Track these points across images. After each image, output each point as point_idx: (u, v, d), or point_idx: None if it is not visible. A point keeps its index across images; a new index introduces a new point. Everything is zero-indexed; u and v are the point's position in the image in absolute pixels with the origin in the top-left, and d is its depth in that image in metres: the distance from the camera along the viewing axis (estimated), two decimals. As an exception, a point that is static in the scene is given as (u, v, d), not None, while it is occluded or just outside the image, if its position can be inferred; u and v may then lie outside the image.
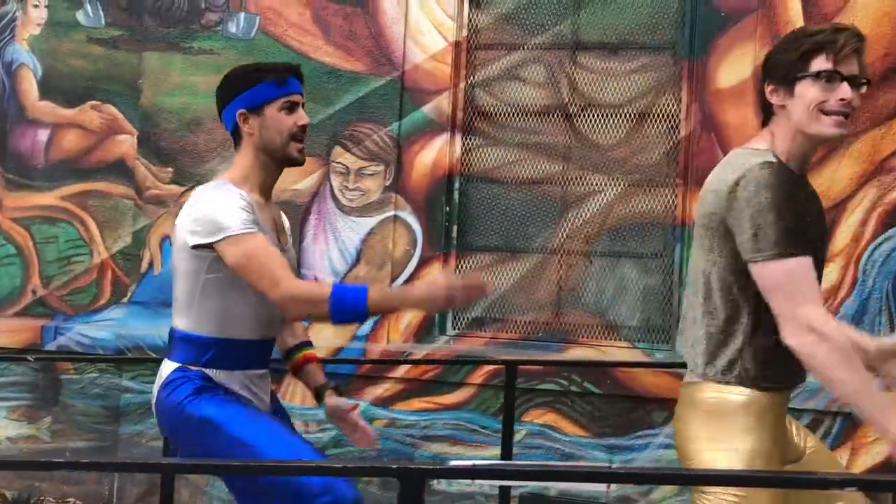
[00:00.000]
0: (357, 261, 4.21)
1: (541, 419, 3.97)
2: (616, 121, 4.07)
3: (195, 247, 2.26)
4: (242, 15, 4.41)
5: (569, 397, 3.94)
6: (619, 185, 4.07)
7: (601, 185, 4.08)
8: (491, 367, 3.96)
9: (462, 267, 4.23)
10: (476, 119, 4.23)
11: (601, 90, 4.11)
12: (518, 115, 4.20)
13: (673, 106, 4.00)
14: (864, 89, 2.04)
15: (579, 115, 4.13)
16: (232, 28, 4.42)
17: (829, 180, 3.73)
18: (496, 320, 4.17)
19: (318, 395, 2.53)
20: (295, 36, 4.33)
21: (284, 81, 2.36)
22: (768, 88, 2.05)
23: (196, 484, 4.29)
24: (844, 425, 3.66)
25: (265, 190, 2.40)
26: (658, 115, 4.03)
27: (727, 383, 2.00)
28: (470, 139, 4.23)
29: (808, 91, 1.98)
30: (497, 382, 4.00)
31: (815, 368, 1.89)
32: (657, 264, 4.03)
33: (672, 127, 4.00)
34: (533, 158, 4.18)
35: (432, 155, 4.17)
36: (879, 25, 3.71)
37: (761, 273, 1.92)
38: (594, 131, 4.11)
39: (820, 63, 1.97)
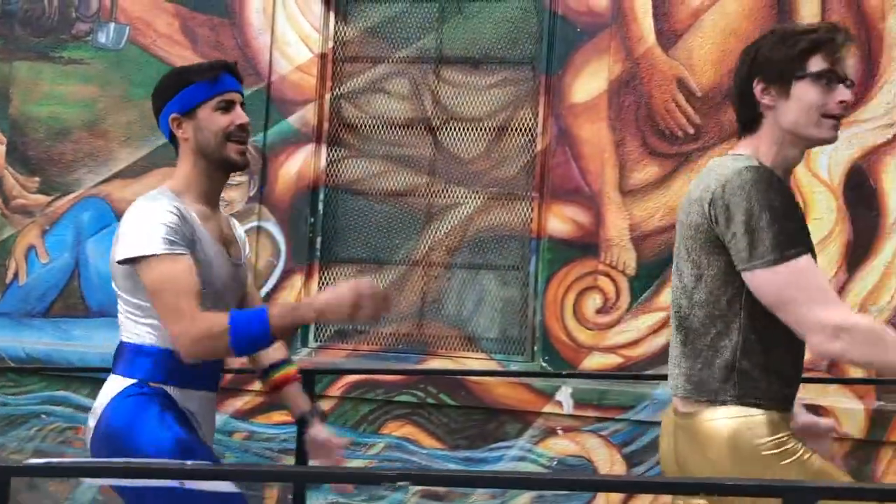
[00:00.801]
0: (221, 272, 4.17)
1: (398, 431, 3.95)
2: (477, 134, 4.10)
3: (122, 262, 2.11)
4: (112, 25, 4.39)
5: (426, 409, 3.93)
6: (480, 197, 4.09)
7: (462, 197, 4.11)
8: (349, 379, 3.95)
9: (325, 279, 4.22)
10: (341, 131, 4.24)
11: (463, 104, 4.14)
12: (383, 127, 4.22)
13: (530, 120, 4.04)
14: (854, 89, 1.97)
15: (442, 128, 4.15)
16: (102, 38, 4.40)
17: (678, 194, 3.77)
18: (359, 332, 4.16)
19: (302, 422, 2.40)
20: (163, 46, 4.32)
21: (216, 80, 2.21)
22: (758, 87, 1.90)
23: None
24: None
25: (209, 199, 2.24)
26: (516, 129, 4.06)
27: (723, 404, 1.85)
28: (335, 151, 4.23)
29: (807, 92, 1.87)
30: (355, 395, 3.99)
31: (860, 364, 1.89)
32: (514, 276, 4.05)
33: (529, 141, 4.04)
34: (397, 171, 4.19)
35: (297, 166, 4.17)
36: (727, 43, 3.78)
37: (764, 281, 1.77)
38: (456, 144, 4.14)
39: (818, 63, 1.87)
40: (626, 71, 3.87)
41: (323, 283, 4.20)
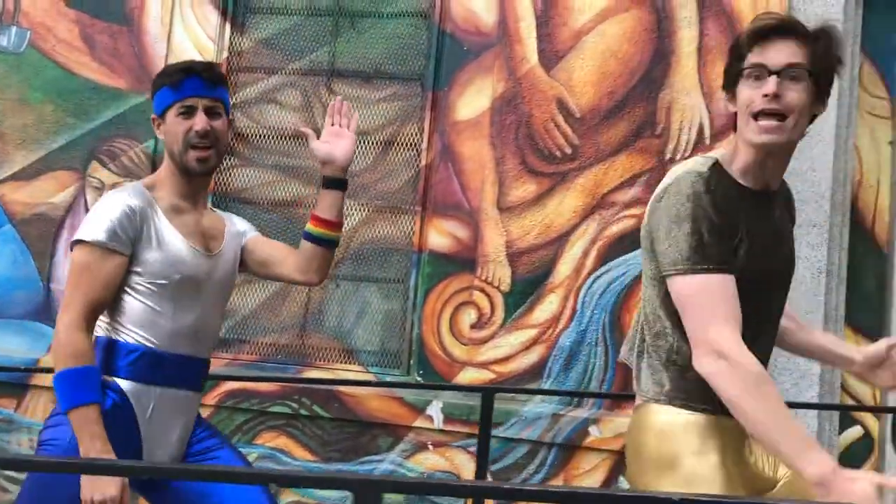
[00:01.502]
0: (107, 277, 4.17)
1: (272, 442, 3.93)
2: (364, 147, 4.12)
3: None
4: (14, 29, 4.42)
5: (300, 420, 3.92)
6: (365, 210, 4.11)
7: (348, 209, 4.10)
8: (225, 388, 3.94)
9: (210, 286, 4.22)
10: (233, 140, 4.26)
11: (353, 117, 4.17)
12: (273, 137, 4.24)
13: (416, 135, 4.07)
14: (805, 83, 1.74)
15: (331, 141, 4.17)
16: (3, 41, 4.42)
17: (554, 213, 3.81)
18: (241, 341, 4.15)
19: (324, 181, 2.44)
20: (63, 52, 4.34)
21: (178, 85, 2.20)
22: (726, 96, 1.84)
23: None
24: (558, 455, 3.67)
25: (185, 195, 2.24)
26: (403, 144, 4.09)
27: (666, 402, 1.83)
28: (226, 159, 4.25)
29: (741, 93, 1.76)
30: (231, 404, 3.98)
31: (724, 396, 1.67)
32: (395, 289, 4.05)
33: (415, 155, 4.07)
34: (286, 180, 4.21)
35: (187, 174, 4.18)
36: (606, 65, 3.83)
37: (674, 288, 1.74)
38: (345, 157, 4.16)
39: (752, 57, 1.75)
40: (509, 90, 3.91)
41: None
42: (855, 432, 3.74)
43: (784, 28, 1.75)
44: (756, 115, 1.73)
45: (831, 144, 3.64)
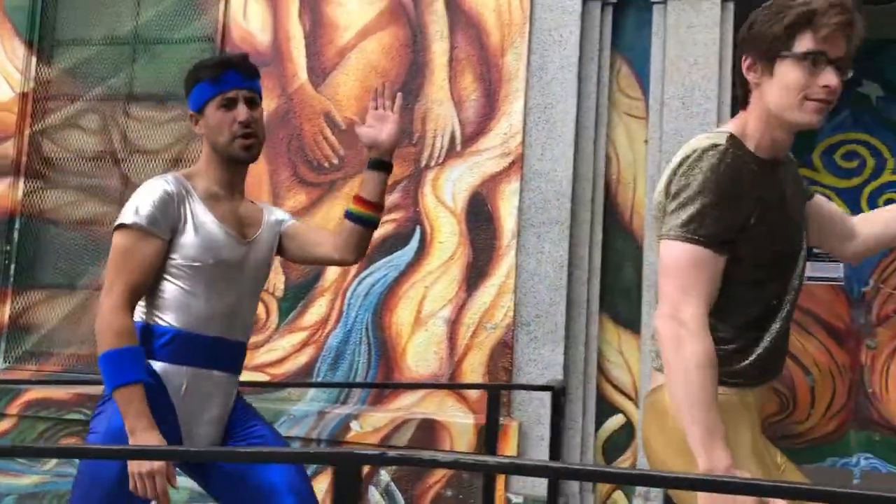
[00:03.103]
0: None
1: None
2: (157, 165, 4.35)
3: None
4: None
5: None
6: (157, 225, 4.33)
7: (142, 225, 4.34)
8: (26, 398, 4.14)
9: (17, 303, 4.44)
10: (39, 164, 4.51)
11: (146, 137, 4.41)
12: (76, 160, 4.48)
13: (199, 153, 4.27)
14: (849, 75, 1.78)
15: (127, 160, 4.42)
16: None
17: (323, 220, 4.01)
18: (46, 353, 4.37)
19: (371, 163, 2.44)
20: None
21: (218, 78, 2.23)
22: (745, 63, 1.80)
23: None
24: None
25: (226, 184, 2.28)
26: (190, 160, 4.32)
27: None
28: (32, 182, 4.49)
29: (789, 73, 1.73)
30: (31, 413, 4.18)
31: (667, 361, 1.68)
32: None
33: (200, 171, 4.29)
34: (87, 201, 4.44)
35: (-4, 198, 4.43)
36: (368, 79, 4.04)
37: (665, 251, 1.74)
38: (139, 175, 4.39)
39: (805, 42, 1.72)
40: (282, 106, 4.13)
41: (15, 308, 4.42)
42: (616, 420, 3.90)
43: (850, 15, 1.74)
44: (808, 98, 1.74)
45: (571, 145, 3.83)
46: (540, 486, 3.64)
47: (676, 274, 1.69)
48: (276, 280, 4.03)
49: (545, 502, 3.49)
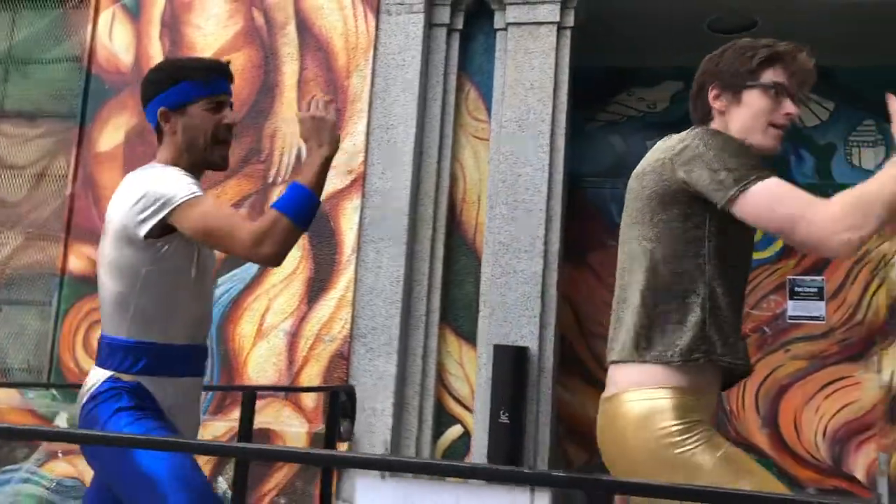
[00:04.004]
0: None
1: (-74, 456, 4.21)
2: (22, 180, 4.46)
3: (148, 234, 2.02)
4: None
5: (-51, 435, 4.19)
6: (19, 238, 4.44)
7: (5, 238, 4.45)
8: None
9: None
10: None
11: (14, 153, 4.53)
12: (-53, 176, 4.60)
13: (64, 167, 4.42)
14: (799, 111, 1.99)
15: (-6, 176, 4.54)
16: None
17: (174, 234, 4.12)
18: None
19: None
20: None
21: (208, 81, 2.19)
22: (712, 92, 1.97)
23: None
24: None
25: None
26: (53, 176, 4.44)
27: (695, 360, 1.79)
28: None
29: (756, 101, 1.93)
30: None
31: (875, 210, 1.68)
32: (43, 311, 4.36)
33: (62, 186, 4.41)
34: (-42, 217, 4.55)
35: None
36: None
37: (749, 202, 1.75)
38: (4, 190, 4.50)
39: (772, 75, 1.93)
40: (140, 123, 4.26)
41: None
42: (455, 431, 4.01)
43: (806, 65, 1.95)
44: (772, 124, 1.91)
45: (411, 164, 3.97)
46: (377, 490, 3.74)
47: (786, 203, 1.73)
48: (129, 292, 4.14)
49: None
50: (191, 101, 2.16)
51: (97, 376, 2.08)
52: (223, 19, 4.28)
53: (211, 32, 4.26)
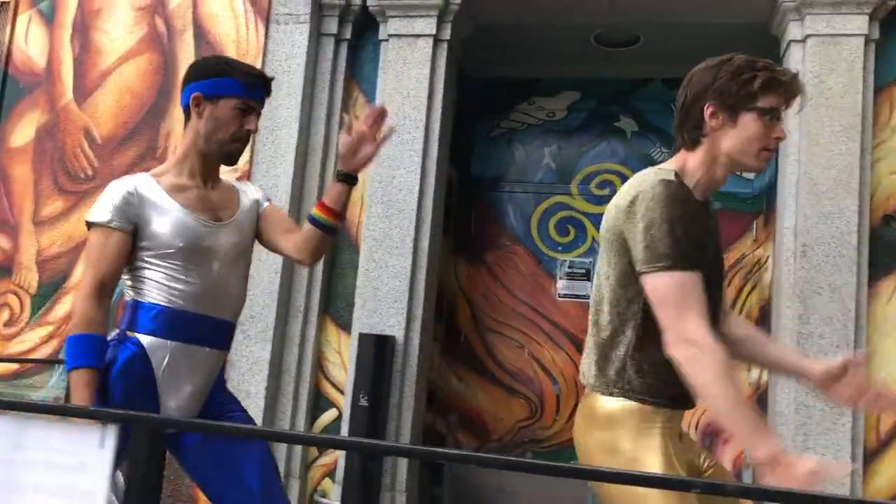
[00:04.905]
0: None
1: None
2: (-58, 172, 4.77)
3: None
4: None
5: None
6: (-62, 226, 4.75)
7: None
8: None
9: None
10: None
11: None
12: None
13: (-13, 163, 4.72)
14: None
15: (-83, 167, 4.84)
16: None
17: (75, 226, 4.42)
18: None
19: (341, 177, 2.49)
20: None
21: (250, 85, 2.36)
22: (709, 110, 2.00)
23: None
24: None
25: (197, 174, 2.39)
26: (-28, 170, 4.75)
27: (611, 394, 1.97)
28: None
29: (752, 124, 1.97)
30: None
31: (693, 380, 1.81)
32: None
33: (-25, 179, 4.72)
34: None
35: None
36: (123, 99, 4.48)
37: (651, 284, 1.88)
38: (-74, 181, 4.81)
39: (770, 100, 1.97)
40: (50, 121, 4.56)
41: None
42: (331, 414, 4.29)
43: (798, 90, 2.03)
44: (764, 147, 1.99)
45: (292, 164, 4.25)
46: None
47: (667, 303, 1.85)
48: (31, 278, 4.44)
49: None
50: (224, 96, 2.34)
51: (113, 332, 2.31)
52: (129, 25, 4.58)
53: (117, 37, 4.56)
